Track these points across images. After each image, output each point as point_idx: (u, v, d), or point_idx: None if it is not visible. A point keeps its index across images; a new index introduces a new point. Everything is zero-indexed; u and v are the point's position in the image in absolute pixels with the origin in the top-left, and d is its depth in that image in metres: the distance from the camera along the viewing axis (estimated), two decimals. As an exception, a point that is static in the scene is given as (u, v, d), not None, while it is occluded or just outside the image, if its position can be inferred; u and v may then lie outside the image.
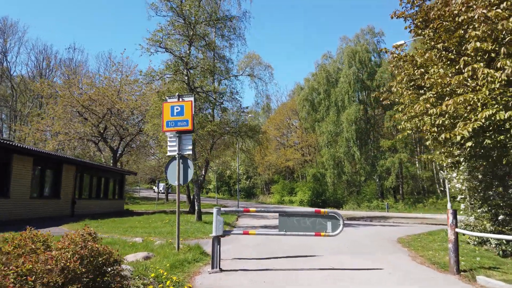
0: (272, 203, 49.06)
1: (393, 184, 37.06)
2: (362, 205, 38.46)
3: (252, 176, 59.60)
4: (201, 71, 15.92)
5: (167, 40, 15.49)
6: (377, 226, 16.44)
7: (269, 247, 8.17)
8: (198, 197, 16.04)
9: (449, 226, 5.89)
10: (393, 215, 26.96)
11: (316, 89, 46.03)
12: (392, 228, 15.05)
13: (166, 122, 7.30)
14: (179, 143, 7.25)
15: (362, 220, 21.90)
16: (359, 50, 39.89)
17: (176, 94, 7.47)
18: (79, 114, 26.11)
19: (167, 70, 15.27)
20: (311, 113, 46.67)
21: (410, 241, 10.05)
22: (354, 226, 16.24)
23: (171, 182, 7.24)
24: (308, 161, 49.81)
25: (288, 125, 53.22)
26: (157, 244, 7.61)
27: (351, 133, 37.95)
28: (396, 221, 20.61)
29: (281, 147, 52.76)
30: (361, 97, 41.01)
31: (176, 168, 7.15)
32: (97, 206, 19.83)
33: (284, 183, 50.06)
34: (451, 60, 6.72)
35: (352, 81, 38.99)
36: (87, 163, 19.48)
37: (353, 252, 8.18)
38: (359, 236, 11.58)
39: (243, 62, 22.88)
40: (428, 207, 34.44)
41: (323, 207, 41.60)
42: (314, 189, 43.05)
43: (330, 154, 40.31)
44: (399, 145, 36.66)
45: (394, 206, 34.72)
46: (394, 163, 35.31)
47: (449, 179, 9.94)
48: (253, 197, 57.53)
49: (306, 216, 6.05)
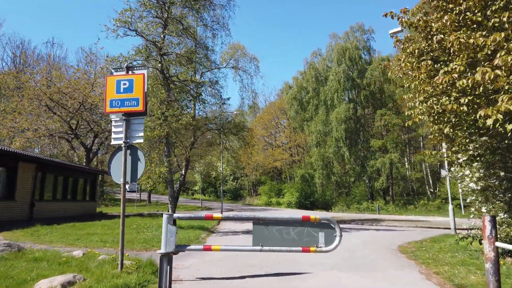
0: (259, 204, 47.43)
1: (384, 185, 35.86)
2: (351, 206, 37.14)
3: (239, 177, 57.86)
4: (176, 58, 14.18)
5: (138, 22, 13.74)
6: (370, 231, 14.96)
7: (245, 260, 6.54)
8: (173, 199, 14.28)
9: (486, 239, 4.34)
10: (384, 217, 25.63)
11: (305, 87, 44.67)
12: (388, 234, 13.58)
13: (110, 101, 5.59)
14: (127, 128, 5.54)
15: (353, 223, 20.45)
16: (349, 47, 38.69)
17: (125, 65, 5.76)
18: (48, 108, 24.02)
19: (137, 55, 13.49)
20: (300, 112, 45.28)
21: (414, 250, 8.53)
22: (346, 230, 14.72)
23: (115, 180, 5.53)
24: (296, 162, 48.38)
25: (276, 125, 51.72)
26: (99, 259, 5.87)
27: (340, 132, 36.63)
28: (389, 224, 19.22)
29: (268, 147, 51.22)
30: (351, 96, 39.77)
31: (122, 161, 5.44)
32: (63, 209, 17.82)
33: (271, 184, 48.47)
34: (477, 24, 5.21)
35: (342, 79, 37.72)
36: (50, 161, 17.48)
37: (350, 267, 6.60)
38: (354, 244, 10.03)
39: (226, 54, 21.25)
40: (419, 209, 33.31)
41: (311, 209, 40.13)
42: (302, 190, 41.60)
43: (319, 155, 38.93)
44: (389, 145, 35.53)
45: (384, 208, 33.49)
46: (384, 163, 34.10)
47: (461, 178, 8.47)
48: (240, 199, 55.79)
49: (291, 224, 4.44)
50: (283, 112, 49.37)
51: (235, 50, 21.00)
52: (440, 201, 33.20)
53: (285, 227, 4.42)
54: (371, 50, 40.82)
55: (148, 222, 15.73)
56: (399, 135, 39.62)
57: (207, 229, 14.55)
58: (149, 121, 13.09)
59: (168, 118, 13.81)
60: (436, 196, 37.69)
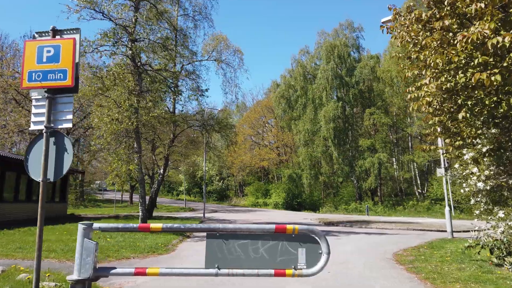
0: (246, 205, 46.17)
1: (372, 185, 35.00)
2: (339, 207, 36.20)
3: (225, 177, 56.45)
4: (149, 45, 12.81)
5: (106, 3, 12.33)
6: (361, 235, 13.85)
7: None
8: (143, 200, 12.88)
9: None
10: (373, 219, 24.66)
11: (292, 86, 43.61)
12: (380, 238, 12.47)
13: (29, 73, 4.25)
14: (51, 108, 4.21)
15: (341, 226, 19.38)
16: (338, 45, 37.74)
17: (50, 28, 4.42)
18: (16, 102, 22.31)
19: (104, 39, 12.08)
20: (287, 111, 44.18)
21: (412, 260, 7.39)
22: (334, 234, 13.58)
23: (33, 176, 4.20)
24: (283, 161, 47.28)
25: (264, 124, 50.51)
26: (18, 279, 4.52)
27: (328, 131, 35.62)
28: (380, 227, 18.19)
29: (256, 147, 49.96)
30: (340, 94, 38.83)
31: (42, 152, 4.11)
32: (21, 211, 16.08)
33: (258, 185, 47.27)
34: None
35: (330, 77, 36.72)
36: (11, 158, 15.83)
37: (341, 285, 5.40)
38: (343, 251, 8.86)
39: (208, 45, 19.90)
40: (408, 210, 32.53)
41: (299, 210, 39.06)
42: (289, 190, 40.49)
43: (306, 154, 37.87)
44: (378, 145, 34.69)
45: (373, 209, 32.60)
46: (373, 163, 33.20)
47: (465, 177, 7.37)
48: (226, 199, 54.39)
49: (260, 237, 3.20)
50: (271, 111, 48.21)
51: (217, 41, 19.69)
52: (429, 202, 32.49)
53: (252, 241, 3.17)
54: (360, 48, 40.02)
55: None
56: (388, 135, 38.90)
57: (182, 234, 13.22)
58: (117, 113, 11.70)
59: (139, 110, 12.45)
60: (425, 197, 37.05)
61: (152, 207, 20.12)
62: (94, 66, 12.80)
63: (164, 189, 67.58)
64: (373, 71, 36.01)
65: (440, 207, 31.06)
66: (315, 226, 16.00)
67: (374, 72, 36.03)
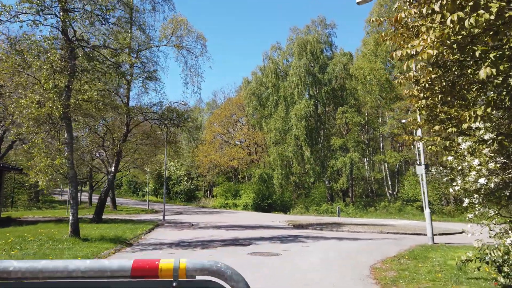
0: (215, 206, 44.14)
1: (344, 185, 33.98)
2: (310, 208, 34.94)
3: (194, 178, 54.07)
4: (84, 14, 10.65)
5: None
6: (331, 240, 12.30)
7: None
8: (75, 202, 10.67)
9: None
10: (345, 221, 23.43)
11: (264, 83, 42.10)
12: (353, 244, 10.95)
13: None
14: None
15: (311, 228, 17.88)
16: (311, 41, 36.55)
17: None
18: None
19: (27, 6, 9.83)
20: (259, 109, 42.60)
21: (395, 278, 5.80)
22: (301, 240, 11.96)
23: None
24: (254, 161, 45.60)
25: (234, 122, 48.63)
26: None
27: (300, 130, 34.30)
28: (352, 230, 16.84)
29: (225, 146, 48.00)
30: (312, 92, 37.60)
31: None
32: None
33: (227, 185, 45.30)
34: None
35: (303, 74, 35.46)
36: None
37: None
38: (309, 265, 7.18)
39: (167, 29, 17.81)
40: (380, 211, 31.71)
41: (269, 211, 37.51)
42: (259, 191, 38.85)
43: (277, 153, 36.39)
44: (350, 144, 33.69)
45: (344, 210, 31.53)
46: (345, 163, 32.14)
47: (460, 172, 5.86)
48: (194, 200, 52.04)
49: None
50: (242, 109, 46.45)
51: (177, 24, 17.64)
52: (401, 203, 31.80)
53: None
54: (333, 46, 38.96)
55: (48, 231, 12.01)
56: (360, 135, 38.12)
57: (125, 241, 11.17)
58: (38, 94, 9.51)
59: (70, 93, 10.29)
60: (396, 197, 36.52)
61: (101, 209, 17.79)
62: (12, 37, 10.48)
63: (130, 190, 64.19)
64: (346, 68, 35.08)
65: (411, 208, 30.41)
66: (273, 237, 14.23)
67: (347, 70, 35.11)
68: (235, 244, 10.85)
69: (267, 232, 15.78)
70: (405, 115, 30.49)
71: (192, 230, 16.06)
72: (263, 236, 13.00)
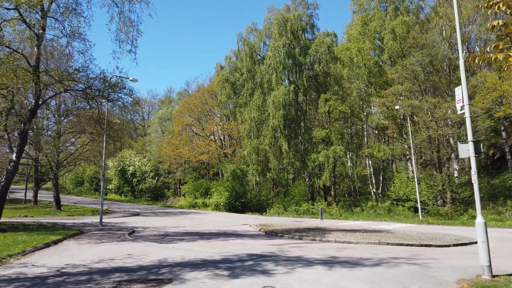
0: (182, 206, 39.33)
1: (327, 183, 29.90)
2: (289, 209, 30.75)
3: (162, 174, 48.91)
4: None
5: None
6: (316, 267, 7.96)
7: None
8: None
9: None
10: (329, 225, 19.28)
11: (238, 68, 37.60)
12: (355, 280, 6.62)
13: None
14: None
15: (287, 237, 13.56)
16: (291, 18, 32.27)
17: None
18: None
19: None
20: (232, 97, 38.06)
21: None
22: (265, 269, 7.56)
23: None
24: (228, 155, 40.97)
25: (206, 112, 43.77)
26: None
27: (278, 119, 29.99)
28: (341, 239, 12.60)
29: (196, 138, 43.14)
30: (292, 78, 33.39)
31: None
32: None
33: (197, 183, 40.53)
34: None
35: (282, 55, 31.16)
36: None
37: None
38: None
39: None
40: (367, 211, 27.85)
41: (243, 211, 33.08)
42: (233, 189, 34.32)
43: (252, 147, 31.99)
44: (334, 136, 29.50)
45: (327, 210, 27.50)
46: (328, 157, 28.00)
47: None
48: (162, 199, 46.97)
49: None
50: (214, 98, 41.70)
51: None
52: (390, 203, 28.04)
53: None
54: (315, 28, 34.66)
55: None
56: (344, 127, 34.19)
57: None
58: None
59: None
60: (380, 196, 32.84)
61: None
62: None
63: (92, 188, 58.17)
64: (330, 50, 30.95)
65: (403, 209, 26.69)
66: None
67: (331, 52, 30.98)
68: (142, 281, 6.32)
69: (225, 245, 11.35)
70: (396, 102, 26.79)
71: (118, 244, 11.38)
72: (207, 259, 8.52)
